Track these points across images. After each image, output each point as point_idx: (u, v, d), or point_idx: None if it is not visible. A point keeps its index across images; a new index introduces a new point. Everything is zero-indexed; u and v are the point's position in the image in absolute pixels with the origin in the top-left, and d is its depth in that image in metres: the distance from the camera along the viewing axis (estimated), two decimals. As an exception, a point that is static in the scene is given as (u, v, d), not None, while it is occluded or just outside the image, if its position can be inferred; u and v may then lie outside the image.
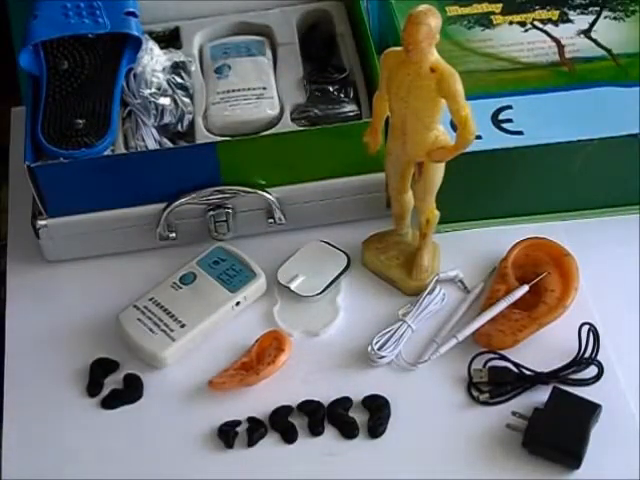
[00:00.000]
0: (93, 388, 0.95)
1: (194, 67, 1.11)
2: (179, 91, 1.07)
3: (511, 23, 1.14)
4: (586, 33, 1.12)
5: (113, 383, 0.95)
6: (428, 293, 0.98)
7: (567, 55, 1.10)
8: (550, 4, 1.16)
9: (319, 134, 1.02)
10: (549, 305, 0.96)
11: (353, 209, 1.06)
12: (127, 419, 0.93)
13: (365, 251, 1.03)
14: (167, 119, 1.06)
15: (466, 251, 1.03)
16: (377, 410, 0.91)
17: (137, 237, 1.05)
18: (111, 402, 0.94)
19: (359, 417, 0.91)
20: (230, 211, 1.03)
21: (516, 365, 0.92)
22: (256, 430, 0.91)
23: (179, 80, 1.08)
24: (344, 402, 0.92)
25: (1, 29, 1.23)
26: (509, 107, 1.04)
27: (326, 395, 0.93)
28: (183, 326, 0.96)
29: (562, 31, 1.13)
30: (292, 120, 1.05)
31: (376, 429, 0.90)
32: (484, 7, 1.16)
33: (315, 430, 0.91)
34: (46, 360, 0.97)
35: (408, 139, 0.91)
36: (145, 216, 1.03)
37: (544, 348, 0.94)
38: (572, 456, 0.86)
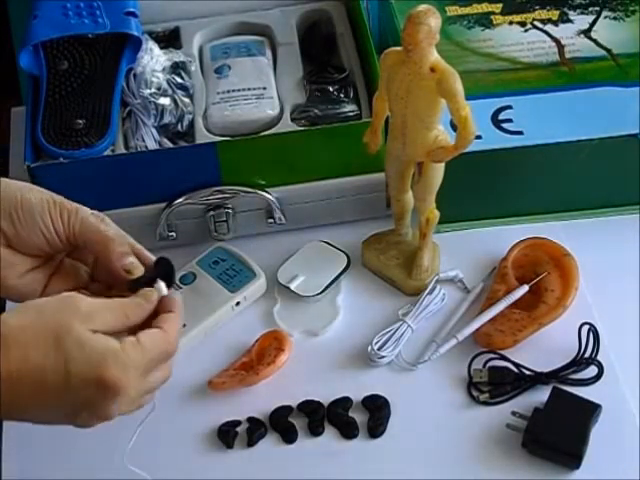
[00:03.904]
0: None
1: (194, 67, 1.11)
2: (179, 91, 1.07)
3: (511, 23, 1.14)
4: (586, 33, 1.12)
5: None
6: (428, 293, 0.98)
7: (567, 55, 1.10)
8: (550, 4, 1.16)
9: (319, 134, 1.02)
10: (549, 305, 0.96)
11: (353, 209, 1.06)
12: (127, 419, 0.92)
13: (365, 251, 1.03)
14: (167, 119, 1.06)
15: (466, 251, 1.03)
16: (377, 410, 0.91)
17: (137, 237, 1.04)
18: (111, 402, 0.94)
19: (359, 417, 0.91)
20: (230, 211, 1.03)
21: (516, 365, 0.92)
22: (256, 430, 0.91)
23: (179, 80, 1.08)
24: (344, 402, 0.92)
25: (1, 29, 1.23)
26: (509, 107, 1.04)
27: (326, 395, 0.93)
28: (183, 326, 0.96)
29: (562, 31, 1.13)
30: (292, 120, 1.05)
31: (376, 429, 0.90)
32: (484, 7, 1.16)
33: (315, 430, 0.91)
34: (46, 360, 0.97)
35: (408, 139, 0.91)
36: (145, 216, 1.03)
37: (544, 348, 0.94)
38: (572, 456, 0.86)
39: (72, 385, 0.67)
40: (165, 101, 1.06)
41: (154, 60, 1.08)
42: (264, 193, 1.03)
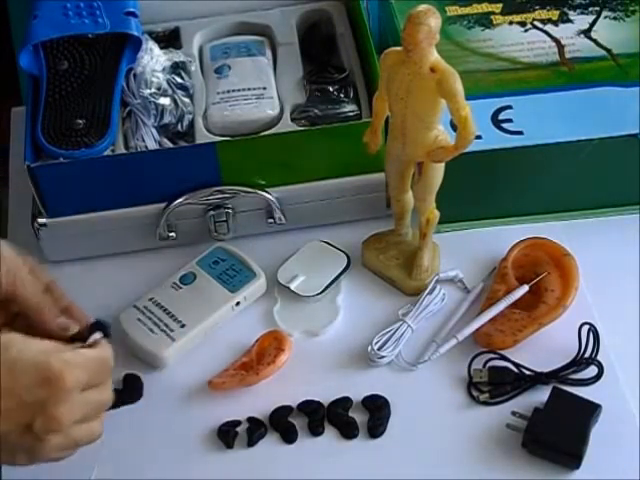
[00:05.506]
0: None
1: (194, 67, 1.11)
2: (179, 91, 1.07)
3: (511, 23, 1.14)
4: (586, 33, 1.12)
5: (113, 383, 0.95)
6: (428, 293, 0.98)
7: (567, 55, 1.10)
8: (550, 4, 1.16)
9: (319, 134, 1.02)
10: (549, 305, 0.96)
11: (353, 209, 1.06)
12: (127, 419, 0.93)
13: (365, 251, 1.03)
14: (167, 119, 1.06)
15: (466, 251, 1.03)
16: (377, 410, 0.91)
17: (137, 237, 1.05)
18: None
19: (359, 417, 0.91)
20: (230, 211, 1.03)
21: (516, 365, 0.92)
22: (256, 430, 0.91)
23: (179, 80, 1.08)
24: (344, 402, 0.92)
25: (1, 29, 1.23)
26: (509, 107, 1.04)
27: (326, 395, 0.93)
28: (183, 326, 0.96)
29: (562, 31, 1.13)
30: (292, 120, 1.05)
31: (376, 429, 0.90)
32: (484, 7, 1.16)
33: (315, 430, 0.91)
34: (46, 360, 0.97)
35: (408, 139, 0.91)
36: (145, 216, 1.03)
37: (544, 348, 0.94)
38: (572, 456, 0.86)
39: (19, 383, 0.70)
40: (165, 101, 1.06)
41: (154, 60, 1.08)
42: (264, 193, 1.03)
